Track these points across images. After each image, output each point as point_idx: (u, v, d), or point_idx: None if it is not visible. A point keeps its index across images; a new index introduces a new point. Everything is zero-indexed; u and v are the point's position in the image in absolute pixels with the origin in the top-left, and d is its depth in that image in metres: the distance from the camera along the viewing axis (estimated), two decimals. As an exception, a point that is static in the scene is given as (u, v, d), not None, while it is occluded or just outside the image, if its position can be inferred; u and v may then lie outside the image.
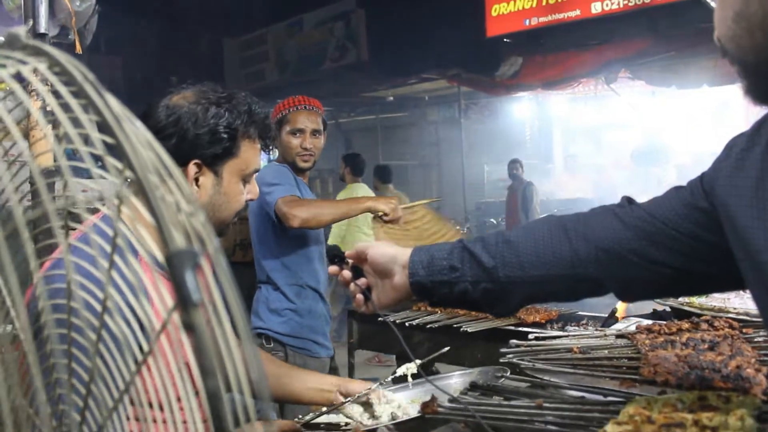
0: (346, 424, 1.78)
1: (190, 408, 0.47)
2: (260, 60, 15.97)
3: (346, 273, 1.31)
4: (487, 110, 12.24)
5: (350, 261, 1.32)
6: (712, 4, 0.90)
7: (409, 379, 1.84)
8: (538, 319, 2.45)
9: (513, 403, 1.05)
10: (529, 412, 1.01)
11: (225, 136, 1.51)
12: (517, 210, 9.35)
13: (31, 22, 2.60)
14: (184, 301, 0.34)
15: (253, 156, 1.58)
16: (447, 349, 1.87)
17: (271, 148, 1.68)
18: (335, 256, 1.36)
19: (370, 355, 5.81)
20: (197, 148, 1.51)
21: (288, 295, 2.91)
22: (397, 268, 1.24)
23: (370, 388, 1.76)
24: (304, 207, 2.67)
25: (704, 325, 1.49)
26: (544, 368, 1.29)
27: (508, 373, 1.41)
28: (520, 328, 2.37)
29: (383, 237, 2.61)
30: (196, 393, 0.41)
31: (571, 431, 0.92)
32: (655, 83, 8.24)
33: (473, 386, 1.20)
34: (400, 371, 1.83)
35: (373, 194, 7.26)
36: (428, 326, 2.52)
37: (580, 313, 2.61)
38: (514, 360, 1.36)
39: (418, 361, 1.86)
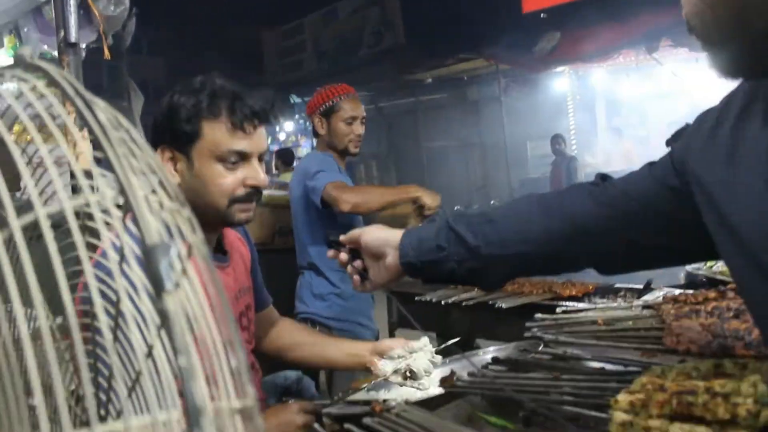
0: (384, 401, 1.83)
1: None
2: (298, 50, 16.07)
3: (343, 256, 1.39)
4: (527, 87, 12.08)
5: (347, 245, 1.40)
6: None
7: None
8: (574, 293, 2.45)
9: (531, 375, 1.08)
10: (545, 384, 1.03)
11: (183, 117, 1.53)
12: (562, 185, 9.24)
13: (62, 33, 2.68)
14: (157, 289, 0.37)
15: (224, 136, 1.54)
16: (457, 339, 1.88)
17: (255, 128, 1.59)
18: (333, 241, 1.42)
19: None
20: (162, 133, 1.56)
21: (332, 279, 2.96)
22: (389, 250, 1.30)
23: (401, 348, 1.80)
24: (355, 192, 2.72)
25: (731, 294, 1.48)
26: (567, 341, 1.31)
27: (541, 347, 1.44)
28: (555, 302, 2.38)
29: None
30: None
31: (584, 401, 0.95)
32: (699, 50, 7.98)
33: (495, 360, 1.23)
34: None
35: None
36: (464, 304, 2.55)
37: (617, 285, 2.60)
38: (538, 334, 1.38)
39: (426, 339, 1.90)
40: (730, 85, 1.02)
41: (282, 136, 17.11)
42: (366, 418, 0.85)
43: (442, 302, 2.60)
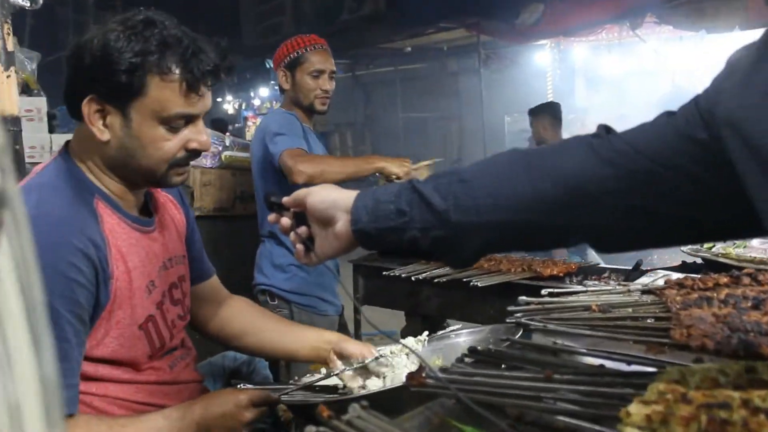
0: (344, 387, 1.65)
1: None
2: (277, 13, 15.73)
3: (285, 221, 1.18)
4: (507, 60, 11.90)
5: (290, 208, 1.18)
6: None
7: (412, 344, 1.68)
8: (555, 272, 2.27)
9: (516, 374, 0.88)
10: (535, 386, 0.83)
11: (123, 68, 1.29)
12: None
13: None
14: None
15: (172, 96, 1.32)
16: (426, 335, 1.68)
17: (209, 88, 1.38)
18: (273, 203, 1.21)
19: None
20: (92, 80, 1.31)
21: (292, 249, 2.75)
22: (339, 214, 1.09)
23: (361, 360, 1.62)
24: (311, 162, 2.46)
25: (746, 280, 1.29)
26: (557, 330, 1.11)
27: (519, 335, 1.24)
28: (536, 282, 2.20)
29: None
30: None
31: (584, 410, 0.75)
32: (683, 28, 7.82)
33: (472, 351, 1.02)
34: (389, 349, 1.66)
35: None
36: (436, 281, 2.35)
37: (602, 265, 2.43)
38: (523, 320, 1.18)
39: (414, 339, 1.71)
40: (713, 67, 0.83)
41: (257, 102, 16.73)
42: (309, 428, 0.64)
43: (412, 278, 2.40)
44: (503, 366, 0.96)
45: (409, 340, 1.70)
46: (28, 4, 4.88)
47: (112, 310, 1.34)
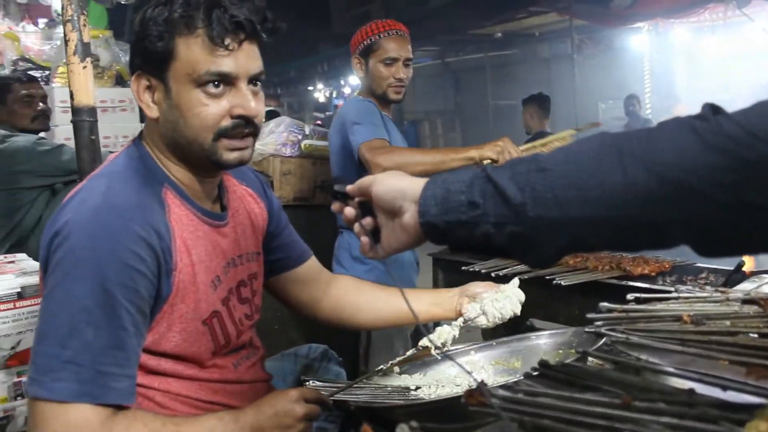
0: (417, 387, 1.59)
1: None
2: (366, 1, 15.76)
3: (349, 211, 1.08)
4: (601, 44, 11.50)
5: (355, 197, 1.10)
6: None
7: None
8: (646, 272, 2.11)
9: (590, 396, 0.77)
10: (611, 414, 0.72)
11: (155, 34, 1.26)
12: (634, 150, 8.75)
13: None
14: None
15: (202, 54, 1.27)
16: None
17: (240, 44, 1.29)
18: (337, 192, 1.12)
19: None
20: (136, 55, 1.31)
21: (367, 241, 2.68)
22: (407, 205, 0.99)
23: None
24: (390, 155, 2.36)
25: None
26: (641, 343, 0.99)
27: (595, 346, 1.12)
28: (624, 282, 2.05)
29: None
30: None
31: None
32: (797, 5, 7.31)
33: (543, 366, 0.92)
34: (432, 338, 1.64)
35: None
36: (517, 277, 2.23)
37: (699, 264, 2.24)
38: (603, 330, 1.06)
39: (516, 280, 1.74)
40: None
41: (347, 90, 16.83)
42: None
43: (492, 274, 2.29)
44: (576, 386, 0.85)
45: (445, 329, 1.66)
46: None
47: (175, 303, 1.30)
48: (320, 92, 18.63)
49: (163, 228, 1.27)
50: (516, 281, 1.69)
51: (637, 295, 1.37)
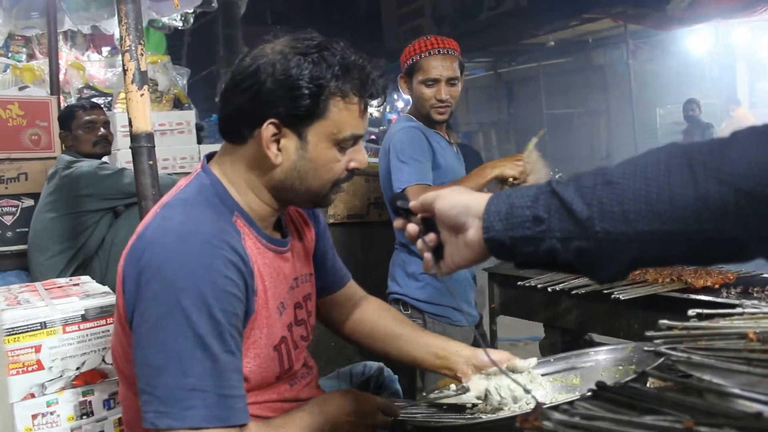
0: (473, 405, 1.57)
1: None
2: (417, 16, 15.86)
3: (412, 227, 1.09)
4: (657, 48, 11.27)
5: (418, 213, 1.09)
6: None
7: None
8: (709, 284, 2.04)
9: (650, 420, 0.75)
10: (671, 438, 0.70)
11: (307, 92, 1.28)
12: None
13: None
14: None
15: (349, 119, 1.33)
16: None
17: (379, 108, 1.44)
18: (400, 207, 1.12)
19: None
20: (273, 104, 1.30)
21: (423, 258, 2.67)
22: (471, 221, 0.98)
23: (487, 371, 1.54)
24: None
25: None
26: (703, 363, 0.95)
27: (656, 365, 1.09)
28: (686, 295, 1.99)
29: None
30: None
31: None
32: None
33: (600, 388, 0.90)
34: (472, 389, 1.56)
35: None
36: (574, 292, 2.20)
37: (766, 275, 2.16)
38: (663, 349, 1.03)
39: (534, 360, 1.58)
40: None
41: (400, 104, 16.89)
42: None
43: (549, 289, 2.25)
44: (634, 408, 0.83)
45: (517, 362, 1.58)
46: (181, 24, 5.19)
47: (253, 328, 1.34)
48: (373, 107, 18.75)
49: (243, 253, 1.30)
50: (533, 361, 1.57)
51: (699, 310, 1.32)
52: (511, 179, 2.37)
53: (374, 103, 1.39)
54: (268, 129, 1.31)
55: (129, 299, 1.26)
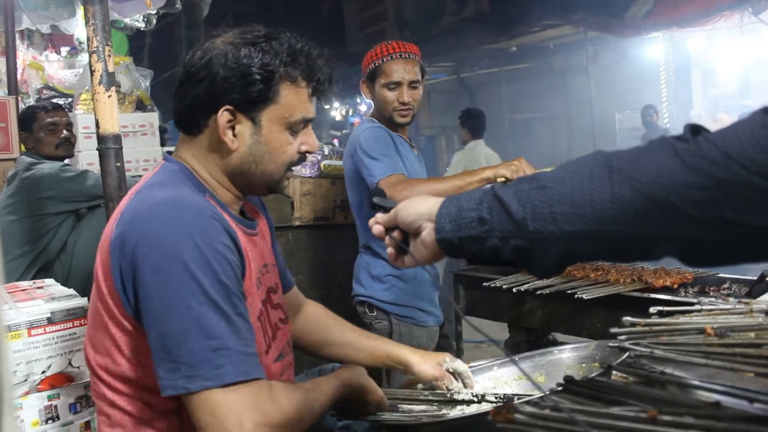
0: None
1: None
2: (379, 20, 15.89)
3: (377, 227, 1.19)
4: (616, 55, 11.46)
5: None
6: None
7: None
8: (668, 283, 2.10)
9: (616, 411, 0.78)
10: (638, 428, 0.73)
11: (258, 77, 1.35)
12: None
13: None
14: None
15: (299, 102, 1.41)
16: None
17: (326, 95, 1.47)
18: (376, 204, 1.24)
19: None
20: (227, 92, 1.36)
21: (389, 260, 2.68)
22: (425, 224, 1.09)
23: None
24: (410, 189, 2.36)
25: None
26: (665, 357, 0.99)
27: (620, 359, 1.13)
28: (646, 294, 2.04)
29: None
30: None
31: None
32: (813, 10, 7.25)
33: (568, 382, 0.93)
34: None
35: (491, 153, 7.09)
36: (538, 292, 2.24)
37: (721, 275, 2.23)
38: (627, 345, 1.07)
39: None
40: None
41: (363, 108, 16.91)
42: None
43: (514, 290, 2.29)
44: (601, 401, 0.86)
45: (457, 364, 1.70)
46: (143, 26, 5.13)
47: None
48: (336, 110, 18.74)
49: (229, 226, 1.34)
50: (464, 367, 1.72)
51: (660, 308, 1.37)
52: (503, 180, 2.39)
53: (321, 88, 1.45)
54: (223, 116, 1.37)
55: (126, 285, 1.27)
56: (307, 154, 1.50)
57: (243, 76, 1.35)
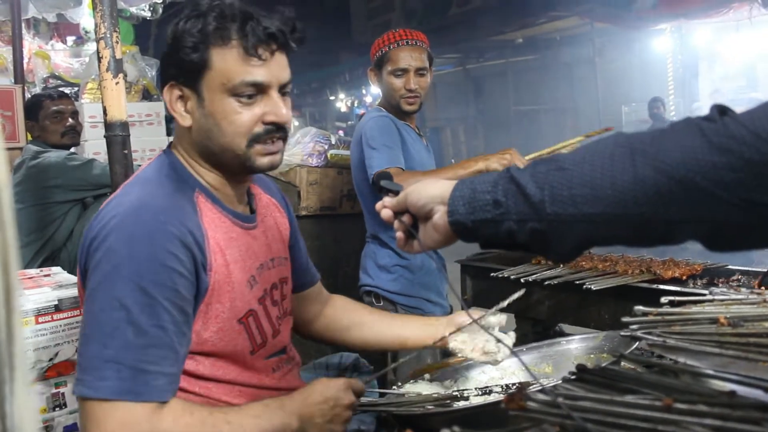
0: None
1: None
2: (386, 11, 15.88)
3: (386, 211, 1.16)
4: (623, 47, 11.40)
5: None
6: None
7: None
8: (677, 275, 2.08)
9: (630, 399, 0.77)
10: (652, 417, 0.72)
11: (190, 45, 1.32)
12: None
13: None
14: None
15: (235, 65, 1.32)
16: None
17: (272, 54, 1.36)
18: (383, 187, 1.22)
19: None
20: (168, 68, 1.37)
21: (398, 250, 2.68)
22: (437, 207, 1.06)
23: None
24: (404, 183, 2.37)
25: None
26: (678, 346, 0.98)
27: (632, 348, 1.12)
28: (655, 285, 2.03)
29: None
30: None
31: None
32: (823, 2, 7.19)
33: (581, 370, 0.92)
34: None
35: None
36: (546, 282, 2.22)
37: (730, 266, 2.22)
38: (639, 334, 1.06)
39: (512, 335, 1.64)
40: None
41: (369, 99, 16.88)
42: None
43: (522, 280, 2.28)
44: (615, 389, 0.85)
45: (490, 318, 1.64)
46: (149, 15, 5.12)
47: (210, 303, 1.33)
48: (342, 102, 18.72)
49: (196, 229, 1.31)
50: (503, 317, 1.64)
51: (672, 298, 1.36)
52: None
53: (258, 44, 1.33)
54: (169, 92, 1.37)
55: (81, 271, 1.29)
56: (277, 126, 1.38)
57: (178, 48, 1.33)
